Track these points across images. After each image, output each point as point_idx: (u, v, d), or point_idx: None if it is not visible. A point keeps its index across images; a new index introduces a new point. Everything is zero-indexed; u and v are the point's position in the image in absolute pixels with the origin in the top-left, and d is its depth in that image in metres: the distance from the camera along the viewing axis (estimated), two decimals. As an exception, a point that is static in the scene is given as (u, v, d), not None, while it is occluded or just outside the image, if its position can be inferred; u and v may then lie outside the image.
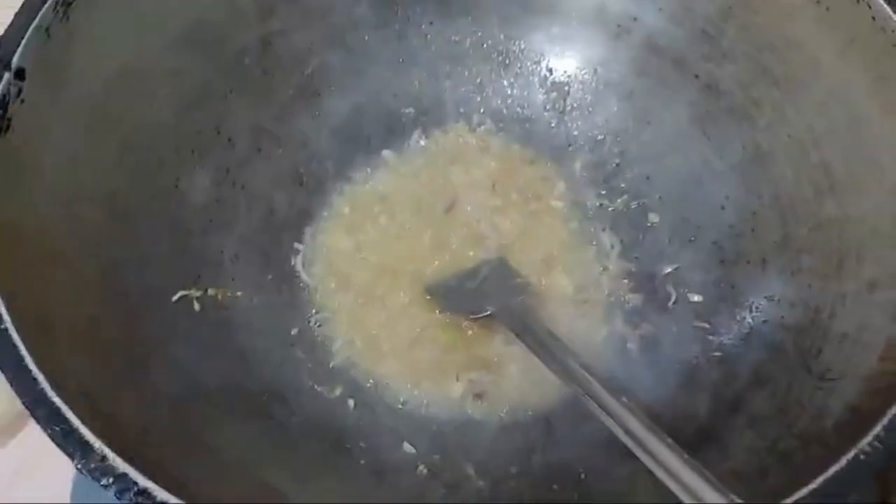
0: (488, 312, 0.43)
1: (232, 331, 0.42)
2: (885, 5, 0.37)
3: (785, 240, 0.42)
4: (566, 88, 0.53)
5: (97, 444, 0.27)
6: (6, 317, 0.29)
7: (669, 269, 0.46)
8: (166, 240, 0.42)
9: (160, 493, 0.26)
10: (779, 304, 0.41)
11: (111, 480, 0.26)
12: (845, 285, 0.37)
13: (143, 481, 0.26)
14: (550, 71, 0.53)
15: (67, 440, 0.27)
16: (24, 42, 0.36)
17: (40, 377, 0.28)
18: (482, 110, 0.53)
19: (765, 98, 0.45)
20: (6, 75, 0.36)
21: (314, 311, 0.46)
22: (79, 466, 0.27)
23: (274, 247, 0.47)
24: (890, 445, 0.27)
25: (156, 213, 0.42)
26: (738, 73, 0.46)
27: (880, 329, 0.33)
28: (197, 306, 0.41)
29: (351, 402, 0.42)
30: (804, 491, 0.27)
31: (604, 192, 0.50)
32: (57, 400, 0.28)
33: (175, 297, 0.41)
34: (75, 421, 0.27)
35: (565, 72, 0.53)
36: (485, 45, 0.53)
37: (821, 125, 0.41)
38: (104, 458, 0.27)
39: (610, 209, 0.50)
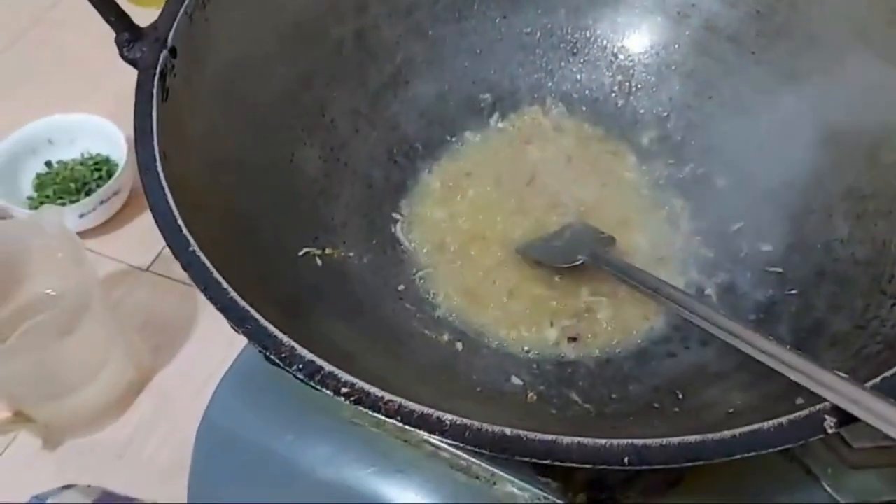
0: (580, 261, 0.47)
1: (349, 284, 0.47)
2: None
3: (847, 190, 0.46)
4: (631, 71, 0.57)
5: (284, 338, 0.31)
6: (192, 242, 0.34)
7: (739, 225, 0.50)
8: (288, 205, 0.47)
9: (345, 375, 0.30)
10: (847, 244, 0.44)
11: (301, 366, 0.30)
12: (909, 218, 0.41)
13: (329, 367, 0.30)
14: (615, 56, 0.58)
15: (259, 335, 0.31)
16: (175, 24, 0.42)
17: (229, 288, 0.32)
18: (554, 94, 0.58)
19: (817, 67, 0.49)
20: (164, 53, 0.41)
21: (416, 270, 0.50)
22: (271, 356, 0.31)
23: (375, 216, 0.52)
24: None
25: (278, 181, 0.47)
26: (791, 46, 0.51)
27: (948, 247, 0.37)
28: (319, 262, 0.46)
29: (459, 345, 0.46)
30: (902, 364, 0.30)
31: (671, 162, 0.55)
32: (244, 304, 0.32)
33: (301, 253, 0.45)
34: (262, 320, 0.32)
35: (629, 56, 0.57)
36: (554, 36, 0.58)
37: (873, 83, 0.46)
38: (293, 348, 0.31)
39: (678, 176, 0.54)
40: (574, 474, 0.43)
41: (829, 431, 0.29)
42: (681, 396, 0.41)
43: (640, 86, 0.57)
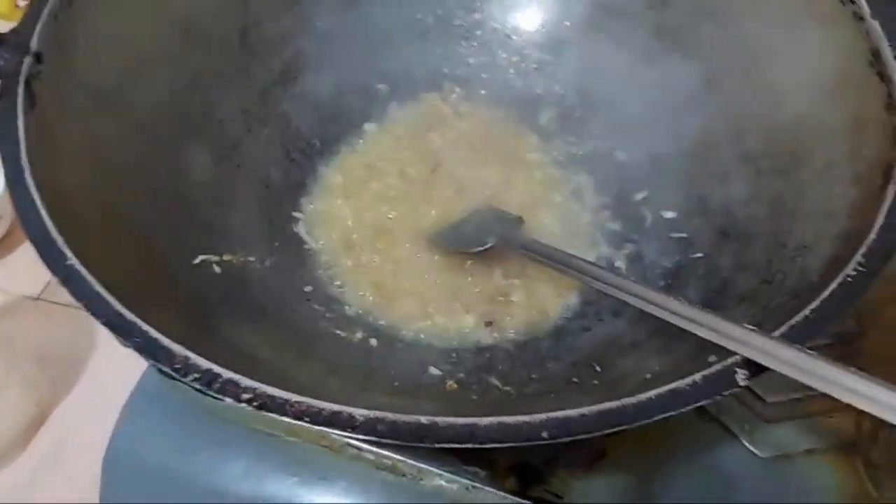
0: (490, 245, 0.46)
1: (251, 290, 0.44)
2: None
3: (743, 151, 0.47)
4: (525, 51, 0.57)
5: (177, 347, 0.29)
6: (70, 255, 0.31)
7: (641, 196, 0.51)
8: (179, 212, 0.44)
9: (245, 381, 0.28)
10: (746, 204, 0.45)
11: (198, 375, 0.28)
12: (802, 175, 0.42)
13: (228, 373, 0.28)
14: (509, 37, 0.57)
15: (149, 348, 0.29)
16: (38, 28, 0.39)
17: (113, 300, 0.30)
18: (451, 79, 0.57)
19: (708, 34, 0.50)
20: (28, 58, 0.38)
21: (323, 269, 0.49)
22: (165, 369, 0.29)
23: (276, 217, 0.50)
24: (870, 268, 0.32)
25: (166, 187, 0.44)
26: (681, 17, 0.51)
27: (842, 196, 0.38)
28: (217, 269, 0.44)
29: (373, 342, 0.45)
30: (806, 311, 0.31)
31: (572, 139, 0.55)
32: (131, 316, 0.30)
33: (196, 261, 0.43)
34: (152, 332, 0.29)
35: (522, 36, 0.57)
36: (446, 20, 0.58)
37: (761, 47, 0.47)
38: (187, 357, 0.29)
39: (580, 153, 0.54)
40: (498, 460, 0.42)
41: (742, 384, 0.29)
42: (598, 369, 0.41)
43: (535, 66, 0.57)
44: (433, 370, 0.43)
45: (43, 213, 0.33)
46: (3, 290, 0.65)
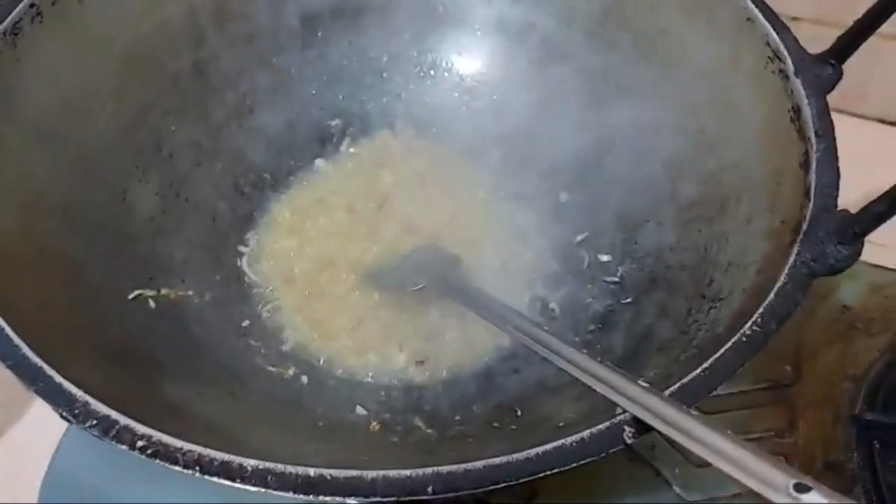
0: (423, 285, 0.47)
1: (186, 325, 0.45)
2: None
3: (676, 197, 0.48)
4: (476, 91, 0.58)
5: (78, 392, 0.30)
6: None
7: (580, 238, 0.52)
8: (118, 246, 0.45)
9: (141, 428, 0.29)
10: (675, 251, 0.46)
11: (95, 422, 0.29)
12: (727, 224, 0.43)
13: (125, 420, 0.29)
14: (461, 77, 0.59)
15: (50, 393, 0.30)
16: (-22, 67, 0.40)
17: (21, 344, 0.31)
18: (403, 117, 0.59)
19: (646, 80, 0.51)
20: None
21: (263, 304, 0.49)
22: (64, 414, 0.29)
23: (220, 250, 0.51)
24: (765, 329, 0.32)
25: (106, 223, 0.45)
26: (622, 62, 0.52)
27: (757, 249, 0.39)
28: (153, 304, 0.44)
29: (304, 379, 0.45)
30: (698, 370, 0.31)
31: (520, 178, 0.56)
32: (37, 360, 0.30)
33: (131, 296, 0.43)
34: (55, 375, 0.30)
35: (474, 77, 0.58)
36: (400, 59, 0.59)
37: (695, 95, 0.48)
38: (87, 403, 0.30)
39: (525, 193, 0.55)
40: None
41: (629, 441, 0.30)
42: (519, 413, 0.41)
43: (485, 105, 0.58)
44: (360, 409, 0.43)
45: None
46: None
